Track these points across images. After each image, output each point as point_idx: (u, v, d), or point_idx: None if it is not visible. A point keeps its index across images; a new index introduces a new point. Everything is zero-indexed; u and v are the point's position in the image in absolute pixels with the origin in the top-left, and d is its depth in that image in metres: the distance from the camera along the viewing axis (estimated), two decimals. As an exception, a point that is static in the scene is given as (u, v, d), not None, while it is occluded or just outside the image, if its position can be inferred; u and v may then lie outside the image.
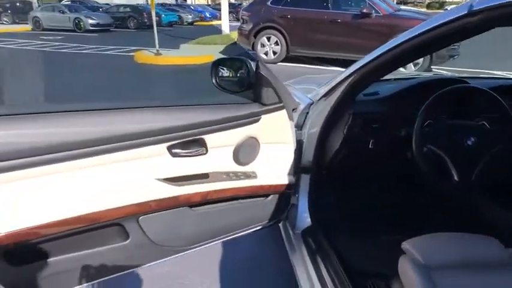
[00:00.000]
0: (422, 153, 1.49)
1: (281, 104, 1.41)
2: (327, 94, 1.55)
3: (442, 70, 7.00)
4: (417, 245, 1.21)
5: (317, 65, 7.83)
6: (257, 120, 1.38)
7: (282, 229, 1.85)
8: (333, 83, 1.53)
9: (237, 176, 1.40)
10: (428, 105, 1.50)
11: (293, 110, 1.53)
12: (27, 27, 16.54)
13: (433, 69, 6.83)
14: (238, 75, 1.44)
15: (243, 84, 1.38)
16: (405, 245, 1.22)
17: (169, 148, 1.21)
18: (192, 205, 1.32)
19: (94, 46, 10.90)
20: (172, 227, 1.30)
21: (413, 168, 1.52)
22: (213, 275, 1.90)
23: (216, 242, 1.49)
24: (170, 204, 1.24)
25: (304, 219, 1.72)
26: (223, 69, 1.47)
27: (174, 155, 1.23)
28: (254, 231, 1.61)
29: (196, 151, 1.28)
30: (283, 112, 1.44)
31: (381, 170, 1.92)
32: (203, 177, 1.32)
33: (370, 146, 1.68)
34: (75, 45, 11.16)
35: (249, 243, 2.08)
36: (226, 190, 1.36)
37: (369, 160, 1.81)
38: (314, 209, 1.72)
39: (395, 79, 1.99)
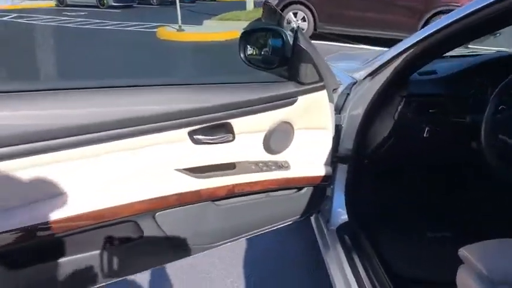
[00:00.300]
0: (492, 144, 1.25)
1: (321, 83, 1.20)
2: (374, 73, 1.33)
3: (481, 48, 6.48)
4: (479, 252, 1.00)
5: (346, 43, 7.44)
6: (292, 102, 1.17)
7: (314, 224, 1.67)
8: (382, 60, 1.30)
9: (267, 166, 1.21)
10: (504, 87, 1.25)
11: (333, 90, 1.32)
12: (50, 3, 16.57)
13: (470, 47, 6.31)
14: (271, 48, 1.23)
15: (276, 60, 1.17)
16: (463, 252, 1.02)
17: (190, 134, 1.03)
18: (216, 199, 1.15)
19: (117, 22, 10.77)
20: (193, 224, 1.14)
21: (478, 160, 1.29)
22: (237, 270, 1.75)
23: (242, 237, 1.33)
24: (191, 199, 1.07)
25: (340, 214, 1.53)
26: (253, 42, 1.27)
27: (196, 141, 1.05)
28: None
29: (222, 137, 1.09)
30: (323, 93, 1.23)
31: (435, 161, 1.69)
32: (229, 167, 1.14)
33: (424, 135, 1.45)
34: (98, 21, 11.06)
35: (277, 238, 1.92)
36: (255, 183, 1.17)
37: (422, 150, 1.59)
38: (351, 204, 1.53)
39: (452, 56, 1.73)
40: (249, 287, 1.68)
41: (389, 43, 1.81)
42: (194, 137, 1.05)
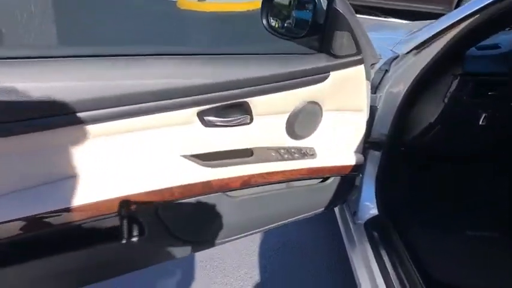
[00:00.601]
0: None
1: (359, 57, 1.00)
2: (420, 46, 1.12)
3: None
4: None
5: (377, 16, 6.98)
6: (323, 79, 0.99)
7: (338, 215, 1.50)
8: (431, 32, 1.09)
9: (290, 154, 1.04)
10: None
11: (371, 65, 1.12)
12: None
13: None
14: (298, 14, 1.04)
15: (305, 27, 0.98)
16: None
17: (200, 114, 0.86)
18: (228, 191, 0.99)
19: (137, -10, 10.52)
20: (201, 219, 0.99)
21: None
22: (252, 261, 1.62)
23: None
24: (200, 191, 0.91)
25: (369, 207, 1.36)
26: (278, 6, 1.07)
27: (207, 124, 0.89)
28: None
29: (238, 119, 0.92)
30: (360, 68, 1.03)
31: (490, 153, 1.47)
32: (245, 154, 0.98)
33: (480, 122, 1.23)
34: (118, -11, 10.83)
35: (295, 228, 1.77)
36: (275, 173, 1.01)
37: (476, 140, 1.37)
38: (383, 196, 1.35)
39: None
40: (263, 279, 1.55)
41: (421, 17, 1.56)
42: (205, 118, 0.88)
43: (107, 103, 0.72)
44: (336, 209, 1.53)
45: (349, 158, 1.17)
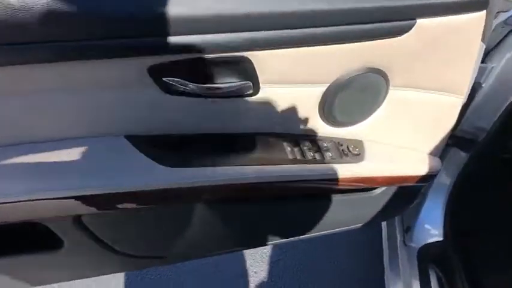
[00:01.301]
0: None
1: None
2: None
3: None
4: None
5: None
6: (401, 30, 0.52)
7: (384, 229, 1.08)
8: None
9: (318, 150, 0.62)
10: None
11: (496, 14, 0.61)
12: None
13: None
14: None
15: None
16: None
17: (155, 71, 0.47)
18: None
19: None
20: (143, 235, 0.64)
21: None
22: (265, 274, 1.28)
23: None
24: (149, 202, 0.54)
25: (430, 228, 0.94)
26: None
27: (169, 89, 0.49)
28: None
29: (230, 87, 0.51)
30: (477, 18, 0.54)
31: None
32: (239, 147, 0.58)
33: None
34: None
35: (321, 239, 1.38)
36: (289, 184, 0.60)
37: None
38: (456, 218, 0.91)
39: None
40: None
41: None
42: (165, 80, 0.48)
43: None
44: (383, 224, 1.12)
45: (420, 164, 0.72)
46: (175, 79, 0.48)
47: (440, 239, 0.92)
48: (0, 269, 0.59)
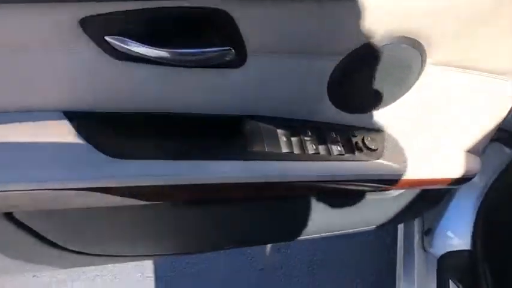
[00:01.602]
0: None
1: None
2: None
3: None
4: None
5: None
6: None
7: (400, 231, 0.94)
8: None
9: (325, 144, 0.48)
10: None
11: None
12: None
13: None
14: None
15: None
16: None
17: (92, 26, 0.33)
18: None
19: None
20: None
21: None
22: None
23: None
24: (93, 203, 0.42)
25: (454, 235, 0.79)
26: None
27: (116, 53, 0.35)
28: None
29: (206, 54, 0.37)
30: None
31: None
32: (218, 137, 0.44)
33: None
34: None
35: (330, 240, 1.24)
36: (281, 185, 0.47)
37: None
38: (489, 224, 0.77)
39: None
40: None
41: None
42: (111, 41, 0.34)
43: None
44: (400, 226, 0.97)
45: (455, 165, 0.57)
46: (123, 38, 0.35)
47: (467, 248, 0.78)
48: None
